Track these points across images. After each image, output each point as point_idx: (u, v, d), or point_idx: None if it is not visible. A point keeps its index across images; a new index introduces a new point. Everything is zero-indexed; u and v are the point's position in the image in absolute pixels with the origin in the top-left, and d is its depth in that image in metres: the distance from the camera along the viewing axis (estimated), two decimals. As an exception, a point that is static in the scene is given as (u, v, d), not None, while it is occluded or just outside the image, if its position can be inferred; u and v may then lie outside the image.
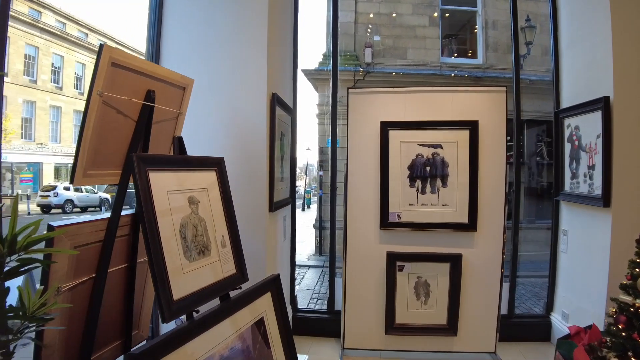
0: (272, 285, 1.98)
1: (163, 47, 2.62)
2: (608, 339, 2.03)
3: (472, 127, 2.59)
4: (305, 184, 22.37)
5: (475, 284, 2.67)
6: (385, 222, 2.67)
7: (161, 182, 1.50)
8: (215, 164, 1.88)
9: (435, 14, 8.98)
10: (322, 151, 9.51)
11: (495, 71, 8.64)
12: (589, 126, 2.66)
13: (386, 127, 2.66)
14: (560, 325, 2.90)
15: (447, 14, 9.24)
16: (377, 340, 2.74)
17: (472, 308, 2.68)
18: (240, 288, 1.82)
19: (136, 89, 1.59)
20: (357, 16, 8.90)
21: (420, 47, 8.90)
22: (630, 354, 1.88)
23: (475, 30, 9.22)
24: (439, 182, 2.62)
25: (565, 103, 3.02)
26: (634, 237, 1.99)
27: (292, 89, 3.28)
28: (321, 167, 9.83)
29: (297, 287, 5.46)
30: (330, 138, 3.42)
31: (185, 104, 1.95)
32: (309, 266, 7.84)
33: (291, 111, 3.15)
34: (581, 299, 2.75)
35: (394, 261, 2.65)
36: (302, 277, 6.95)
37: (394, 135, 2.66)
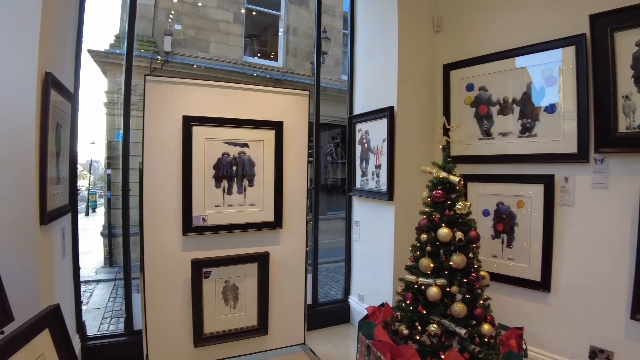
0: (51, 319, 1.61)
1: None
2: (399, 314, 2.38)
3: (277, 127, 2.67)
4: (90, 185, 19.76)
5: (282, 280, 2.79)
6: (188, 227, 2.50)
7: None
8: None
9: (243, 11, 9.08)
10: (110, 146, 8.41)
11: (294, 75, 9.28)
12: (377, 131, 3.13)
13: (189, 122, 2.49)
14: (357, 306, 3.35)
15: (253, 13, 9.47)
16: (187, 355, 2.57)
17: (281, 304, 2.79)
18: (2, 332, 1.44)
19: None
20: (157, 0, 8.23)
21: (224, 42, 8.84)
22: (417, 324, 2.24)
23: (278, 34, 9.74)
24: (245, 182, 2.62)
25: (357, 110, 3.48)
26: (413, 225, 2.43)
27: (73, 70, 2.71)
28: (109, 164, 8.68)
29: (84, 308, 4.74)
30: (121, 131, 3.03)
31: None
32: (98, 281, 6.89)
33: (72, 97, 2.63)
34: (373, 281, 3.23)
35: (200, 269, 2.52)
36: (90, 295, 6.05)
37: (198, 131, 2.52)
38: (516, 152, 2.73)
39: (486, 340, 2.22)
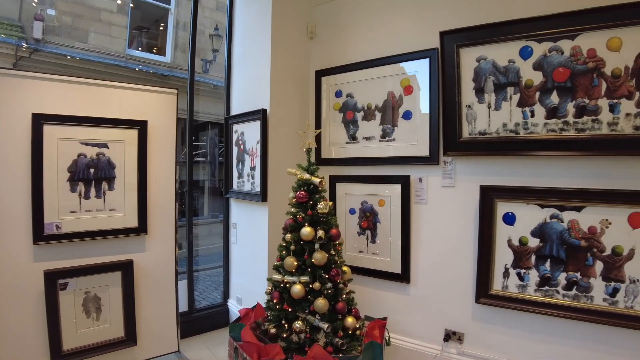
0: None
1: None
2: (268, 313, 2.49)
3: (141, 126, 2.58)
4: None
5: (150, 288, 2.70)
6: (40, 235, 2.30)
7: None
8: None
9: (132, 4, 8.54)
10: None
11: (182, 72, 8.92)
12: (251, 133, 3.18)
13: (40, 121, 2.29)
14: (235, 309, 3.38)
15: (140, 4, 8.95)
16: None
17: (150, 313, 2.69)
18: None
19: None
20: (25, -22, 7.37)
21: (105, 33, 8.22)
22: (283, 322, 2.36)
23: (166, 28, 9.33)
24: (105, 185, 2.49)
25: (234, 110, 3.50)
26: (282, 225, 2.54)
27: None
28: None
29: None
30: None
31: None
32: None
33: None
34: (250, 283, 3.28)
35: (55, 280, 2.34)
36: None
37: (51, 131, 2.33)
38: (378, 155, 2.97)
39: (350, 332, 2.38)
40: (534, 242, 2.42)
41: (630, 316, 2.18)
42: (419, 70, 2.79)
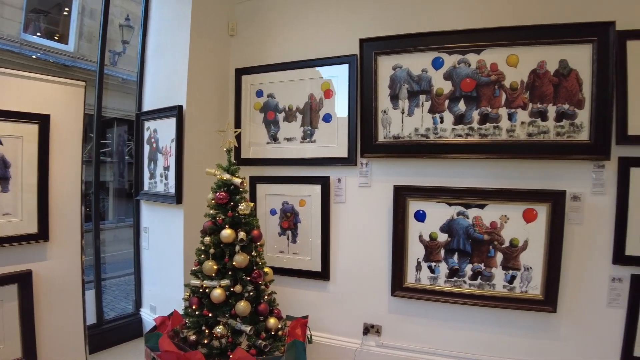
0: None
1: None
2: (187, 320, 2.38)
3: (42, 121, 2.30)
4: None
5: (53, 300, 2.40)
6: None
7: None
8: None
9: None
10: None
11: (87, 63, 8.15)
12: (165, 130, 3.01)
13: None
14: (149, 318, 3.17)
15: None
16: None
17: (53, 328, 2.39)
18: None
19: None
20: None
21: (-5, 13, 7.25)
22: (204, 328, 2.26)
23: (70, 13, 8.45)
24: (-4, 187, 2.21)
25: (147, 106, 3.27)
26: (200, 229, 2.44)
27: None
28: None
29: None
30: None
31: None
32: None
33: None
34: (165, 290, 3.10)
35: None
36: None
37: None
38: (299, 156, 2.99)
39: (273, 333, 2.37)
40: (443, 237, 2.63)
41: (525, 299, 2.50)
42: (339, 75, 2.87)
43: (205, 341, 2.25)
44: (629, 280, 2.38)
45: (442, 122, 2.59)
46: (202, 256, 2.34)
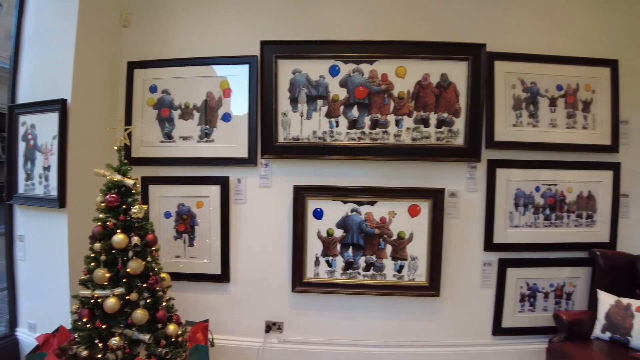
0: None
1: None
2: (77, 335, 2.16)
3: None
4: None
5: None
6: None
7: None
8: None
9: None
10: None
11: None
12: (45, 126, 2.68)
13: None
14: (28, 339, 2.82)
15: None
16: None
17: None
18: None
19: None
20: None
21: None
22: (97, 341, 2.08)
23: None
24: None
25: (22, 98, 2.87)
26: (88, 234, 2.24)
27: None
28: None
29: None
30: None
31: None
32: None
33: None
34: (47, 304, 2.77)
35: None
36: None
37: None
38: (196, 155, 2.92)
39: (173, 339, 2.29)
40: (338, 233, 2.83)
41: (413, 286, 2.82)
42: (239, 75, 2.87)
43: (99, 355, 2.10)
44: (497, 264, 2.86)
45: (337, 126, 2.77)
46: (92, 264, 2.17)
